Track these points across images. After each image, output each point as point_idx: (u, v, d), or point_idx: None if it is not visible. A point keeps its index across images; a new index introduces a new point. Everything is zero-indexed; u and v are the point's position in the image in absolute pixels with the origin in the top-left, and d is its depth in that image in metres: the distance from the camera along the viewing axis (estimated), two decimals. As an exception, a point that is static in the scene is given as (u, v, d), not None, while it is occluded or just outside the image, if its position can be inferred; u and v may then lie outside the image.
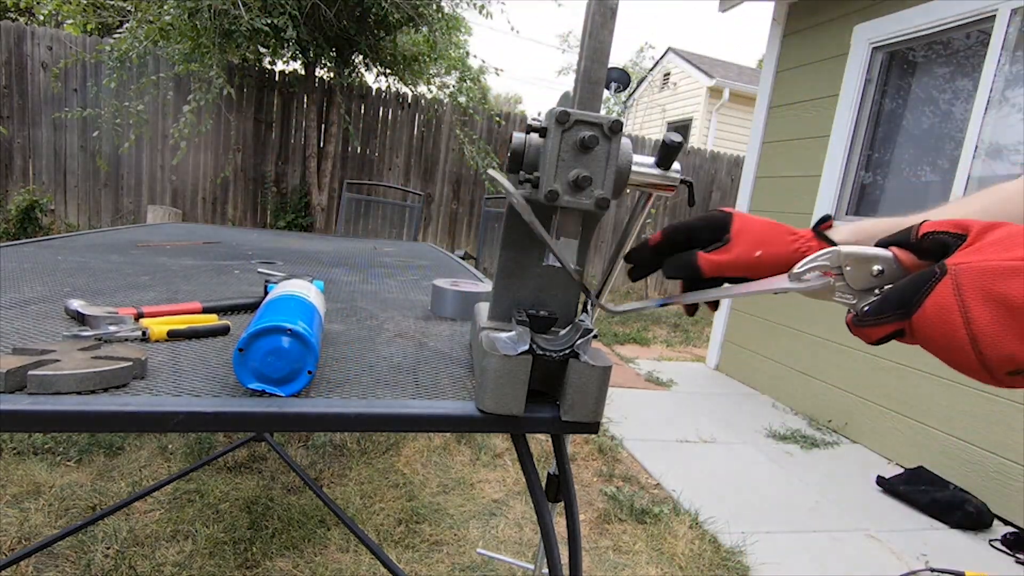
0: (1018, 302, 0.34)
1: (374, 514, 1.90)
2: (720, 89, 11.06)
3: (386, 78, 6.20)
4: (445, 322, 1.08)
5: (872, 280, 0.43)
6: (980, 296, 0.35)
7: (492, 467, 2.34)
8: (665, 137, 0.61)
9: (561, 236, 0.59)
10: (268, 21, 4.51)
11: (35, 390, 0.56)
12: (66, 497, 1.79)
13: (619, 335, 5.03)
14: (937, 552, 2.09)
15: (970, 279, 0.36)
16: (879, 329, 0.41)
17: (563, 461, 0.80)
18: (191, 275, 1.26)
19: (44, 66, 5.35)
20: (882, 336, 0.41)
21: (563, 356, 0.62)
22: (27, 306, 0.88)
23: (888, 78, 3.29)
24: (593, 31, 0.54)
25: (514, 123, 6.78)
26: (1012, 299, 0.34)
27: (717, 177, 7.62)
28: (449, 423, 0.65)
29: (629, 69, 16.94)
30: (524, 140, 0.59)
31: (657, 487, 2.36)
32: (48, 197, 5.43)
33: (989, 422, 2.48)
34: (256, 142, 6.01)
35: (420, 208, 3.51)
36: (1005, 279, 0.34)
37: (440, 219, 6.75)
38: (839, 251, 0.43)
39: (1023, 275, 0.34)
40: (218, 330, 0.83)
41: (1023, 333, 0.34)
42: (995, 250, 0.36)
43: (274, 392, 0.62)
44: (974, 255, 0.37)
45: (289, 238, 2.33)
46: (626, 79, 9.06)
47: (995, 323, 0.35)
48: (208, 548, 1.64)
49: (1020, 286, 0.34)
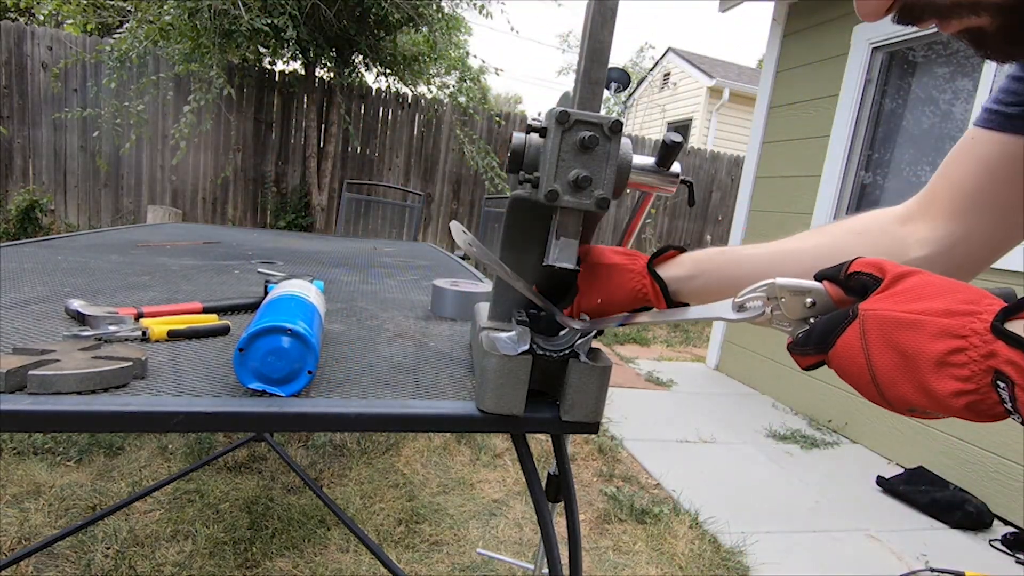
0: (907, 350, 0.37)
1: (374, 514, 1.90)
2: (720, 89, 11.06)
3: (386, 78, 6.20)
4: (445, 322, 1.08)
5: (806, 311, 0.46)
6: (881, 342, 0.39)
7: (492, 467, 2.34)
8: (665, 137, 0.61)
9: (561, 236, 0.59)
10: (268, 21, 4.51)
11: (35, 390, 0.56)
12: (66, 497, 1.79)
13: (619, 335, 5.03)
14: (937, 552, 2.09)
15: (873, 325, 0.39)
16: (806, 359, 0.45)
17: (563, 461, 0.80)
18: (191, 275, 1.26)
19: (44, 66, 5.35)
20: (809, 364, 0.45)
21: (563, 356, 0.62)
22: (27, 306, 0.88)
23: (888, 78, 3.28)
24: (593, 31, 0.54)
25: (514, 123, 6.78)
26: (905, 349, 0.38)
27: (717, 177, 7.62)
28: (449, 423, 0.65)
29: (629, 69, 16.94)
30: (524, 140, 0.59)
31: (657, 487, 2.37)
32: (48, 197, 5.43)
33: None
34: (256, 142, 6.01)
35: (420, 208, 3.51)
36: (902, 330, 0.38)
37: (440, 219, 6.75)
38: (775, 283, 0.46)
39: (916, 328, 0.37)
40: (218, 330, 0.83)
41: (915, 380, 0.38)
42: (900, 300, 0.39)
43: (274, 392, 0.62)
44: (882, 303, 0.40)
45: (289, 238, 2.33)
46: (626, 79, 9.06)
47: (892, 368, 0.38)
48: (208, 548, 1.64)
49: (912, 339, 0.37)
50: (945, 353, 0.36)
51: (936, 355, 0.37)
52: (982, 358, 0.35)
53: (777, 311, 0.46)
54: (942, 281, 0.40)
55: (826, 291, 0.45)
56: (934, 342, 0.37)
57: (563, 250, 0.59)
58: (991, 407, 0.36)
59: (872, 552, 2.05)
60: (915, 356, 0.37)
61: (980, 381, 0.35)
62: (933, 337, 0.37)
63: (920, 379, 0.37)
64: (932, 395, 0.37)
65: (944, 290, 0.39)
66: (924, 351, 0.37)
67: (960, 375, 0.36)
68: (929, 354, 0.37)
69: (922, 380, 0.37)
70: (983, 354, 0.35)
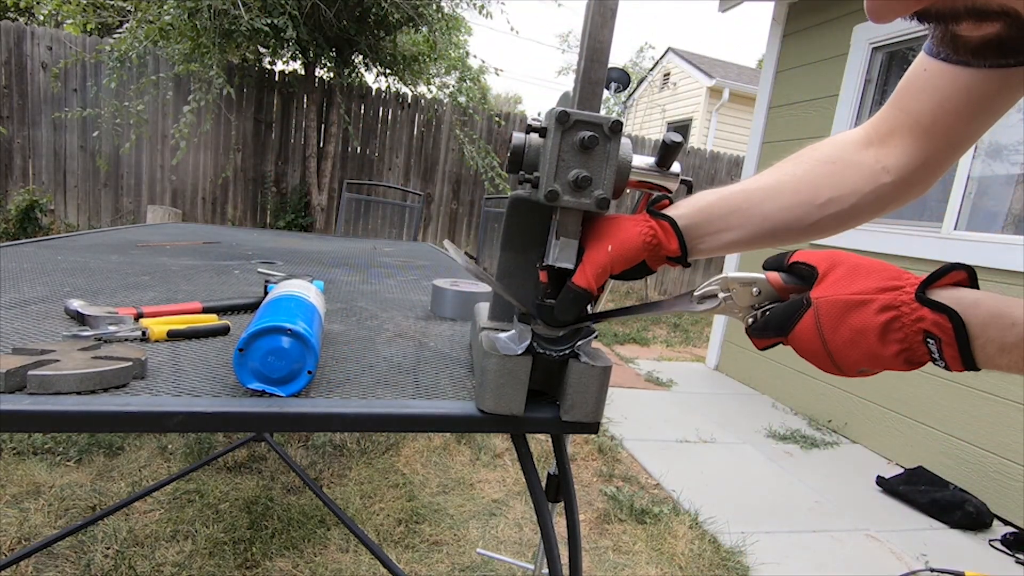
0: (856, 327, 0.47)
1: (374, 514, 1.90)
2: (720, 89, 11.06)
3: (386, 78, 6.19)
4: (445, 322, 1.08)
5: (753, 299, 0.54)
6: (832, 322, 0.48)
7: (492, 467, 2.34)
8: (665, 137, 0.61)
9: (561, 236, 0.59)
10: (268, 21, 4.51)
11: (35, 390, 0.56)
12: (66, 497, 1.79)
13: (619, 335, 5.03)
14: (937, 552, 2.09)
15: (827, 309, 0.49)
16: (764, 341, 0.54)
17: (563, 461, 0.80)
18: (191, 275, 1.26)
19: (44, 66, 5.34)
20: (766, 345, 0.55)
21: (563, 356, 0.62)
22: (27, 306, 0.88)
23: (888, 78, 3.28)
24: (593, 31, 0.54)
25: (514, 123, 6.78)
26: (855, 325, 0.47)
27: (717, 177, 7.62)
28: (449, 423, 0.65)
29: (629, 69, 16.94)
30: (524, 140, 0.59)
31: (657, 487, 2.37)
32: (48, 197, 5.43)
33: (989, 422, 2.48)
34: (256, 142, 6.01)
35: (420, 208, 3.51)
36: (851, 310, 0.47)
37: (440, 219, 6.75)
38: (727, 277, 0.55)
39: (863, 307, 0.47)
40: (218, 330, 0.83)
41: (865, 348, 0.47)
42: (842, 285, 0.49)
43: (274, 392, 0.62)
44: (827, 290, 0.49)
45: (289, 238, 2.33)
46: (626, 79, 9.06)
47: (846, 342, 0.48)
48: (208, 548, 1.64)
49: (860, 316, 0.47)
50: (885, 323, 0.46)
51: (878, 326, 0.46)
52: (912, 322, 0.45)
53: (729, 300, 0.55)
54: (867, 263, 0.50)
55: (768, 280, 0.54)
56: (877, 316, 0.46)
57: (563, 250, 0.59)
58: (920, 357, 0.46)
59: (872, 552, 2.05)
60: (864, 330, 0.46)
61: (913, 340, 0.45)
62: (875, 312, 0.46)
63: (867, 347, 0.47)
64: (879, 358, 0.47)
65: (871, 271, 0.49)
66: (871, 324, 0.46)
67: (898, 338, 0.46)
68: (875, 326, 0.46)
69: (869, 347, 0.47)
70: (913, 319, 0.45)
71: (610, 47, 0.54)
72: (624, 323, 5.48)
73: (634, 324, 5.51)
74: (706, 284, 0.55)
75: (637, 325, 5.49)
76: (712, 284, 0.55)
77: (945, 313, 0.44)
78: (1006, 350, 0.43)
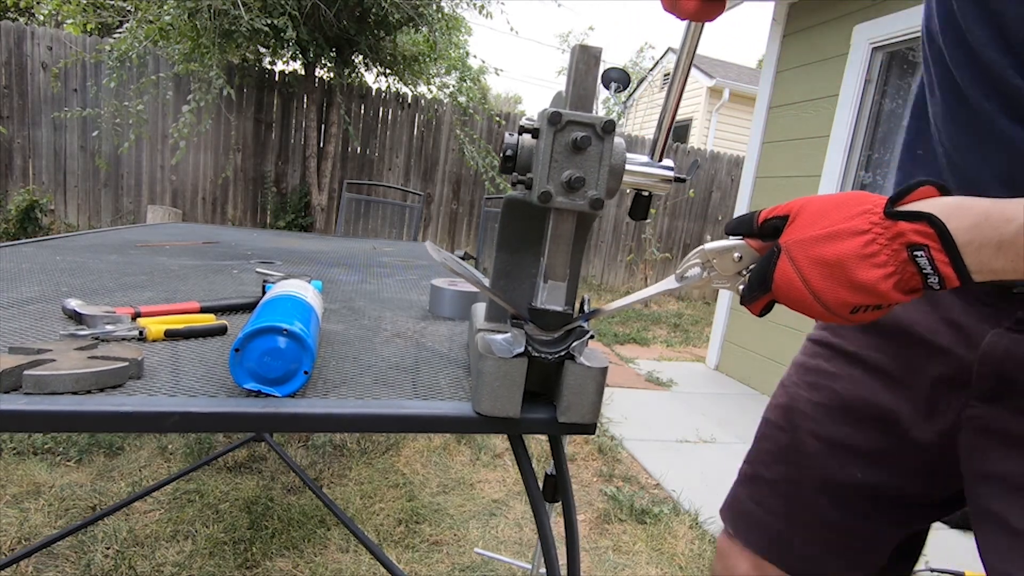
0: (831, 260, 0.44)
1: (374, 514, 1.90)
2: (720, 89, 11.04)
3: (386, 78, 6.19)
4: (444, 322, 1.08)
5: (737, 265, 0.52)
6: (807, 261, 0.46)
7: (492, 467, 2.34)
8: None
9: (549, 279, 0.60)
10: (268, 21, 4.51)
11: (31, 390, 0.57)
12: (66, 497, 1.80)
13: (619, 335, 5.03)
14: (937, 552, 2.09)
15: (797, 250, 0.46)
16: (756, 304, 0.51)
17: (560, 462, 0.80)
18: (189, 275, 1.27)
19: (44, 66, 5.35)
20: (761, 308, 0.52)
21: (559, 358, 0.62)
22: (25, 306, 0.88)
23: (888, 78, 3.28)
24: (578, 79, 0.54)
25: (514, 123, 6.78)
26: (828, 258, 0.45)
27: (717, 177, 7.62)
28: (446, 424, 0.65)
29: (629, 69, 16.92)
30: (517, 141, 0.59)
31: (657, 487, 2.36)
32: (48, 197, 5.44)
33: (989, 422, 2.47)
34: (256, 142, 6.01)
35: (420, 208, 3.51)
36: (820, 244, 0.45)
37: (440, 219, 6.75)
38: (704, 249, 0.53)
39: (831, 239, 0.45)
40: (215, 330, 0.83)
41: (845, 280, 0.44)
42: (808, 224, 0.47)
43: (270, 392, 0.62)
44: (795, 232, 0.47)
45: (288, 238, 2.33)
46: (626, 79, 9.02)
47: (824, 278, 0.45)
48: (208, 548, 1.64)
49: (831, 248, 0.44)
50: (861, 247, 0.43)
51: (854, 252, 0.43)
52: (889, 241, 0.42)
53: (713, 272, 0.53)
54: (836, 198, 0.47)
55: (747, 244, 0.52)
56: (847, 242, 0.44)
57: (551, 293, 0.60)
58: (912, 280, 0.43)
59: (871, 552, 2.04)
60: (838, 261, 0.44)
61: (896, 259, 0.42)
62: (845, 239, 0.44)
63: (849, 277, 0.44)
64: (864, 287, 0.44)
65: (837, 204, 0.46)
66: (843, 253, 0.44)
67: (879, 262, 0.43)
68: (848, 253, 0.44)
69: (851, 277, 0.44)
70: (889, 237, 0.42)
71: (595, 94, 0.55)
72: (624, 323, 5.48)
73: (634, 324, 5.50)
74: (685, 260, 0.55)
75: (637, 325, 5.49)
76: (691, 258, 0.54)
77: (924, 219, 0.41)
78: (1003, 247, 0.39)
